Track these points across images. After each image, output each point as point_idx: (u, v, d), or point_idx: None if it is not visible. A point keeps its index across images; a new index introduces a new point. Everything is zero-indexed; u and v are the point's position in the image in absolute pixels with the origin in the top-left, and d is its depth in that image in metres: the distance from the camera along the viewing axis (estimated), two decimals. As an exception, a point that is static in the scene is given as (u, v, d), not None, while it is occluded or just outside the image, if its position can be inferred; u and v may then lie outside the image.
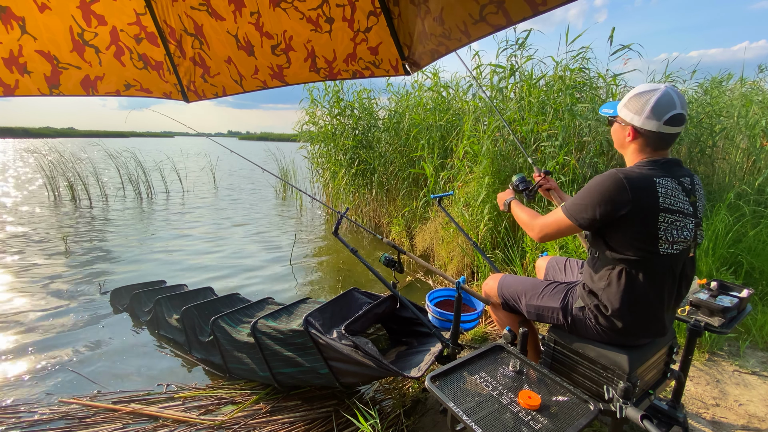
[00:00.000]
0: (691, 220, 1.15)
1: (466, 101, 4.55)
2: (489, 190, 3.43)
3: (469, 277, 3.56)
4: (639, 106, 1.15)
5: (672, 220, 1.11)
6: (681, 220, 1.13)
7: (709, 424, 1.75)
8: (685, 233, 1.14)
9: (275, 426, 1.84)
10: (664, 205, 1.10)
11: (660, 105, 1.11)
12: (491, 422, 0.95)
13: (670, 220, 1.11)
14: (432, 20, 1.38)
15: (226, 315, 2.30)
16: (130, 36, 1.52)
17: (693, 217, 1.16)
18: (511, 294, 1.49)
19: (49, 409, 2.02)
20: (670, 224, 1.11)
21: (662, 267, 1.15)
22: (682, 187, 1.15)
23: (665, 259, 1.14)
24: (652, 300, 1.17)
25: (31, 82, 1.40)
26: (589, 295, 1.25)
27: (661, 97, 1.11)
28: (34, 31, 1.33)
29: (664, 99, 1.11)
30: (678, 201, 1.12)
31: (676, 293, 1.22)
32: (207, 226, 6.31)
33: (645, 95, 1.14)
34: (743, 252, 2.87)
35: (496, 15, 1.17)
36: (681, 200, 1.13)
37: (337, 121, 6.06)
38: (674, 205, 1.11)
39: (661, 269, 1.15)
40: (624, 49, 3.48)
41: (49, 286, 3.65)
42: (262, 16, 1.57)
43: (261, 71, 1.73)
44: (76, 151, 11.35)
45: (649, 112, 1.12)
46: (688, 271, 1.22)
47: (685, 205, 1.14)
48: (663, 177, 1.12)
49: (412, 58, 1.69)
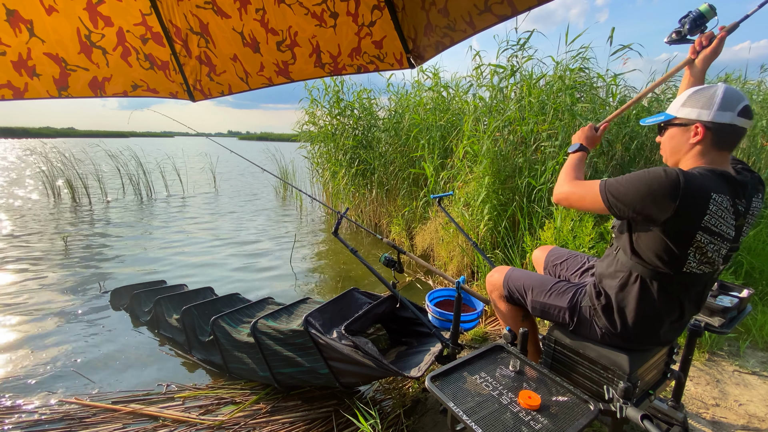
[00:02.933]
0: (728, 244, 1.05)
1: (466, 101, 4.55)
2: (489, 190, 3.43)
3: (469, 277, 3.56)
4: (706, 101, 1.05)
5: (708, 241, 1.01)
6: (718, 243, 1.03)
7: (709, 424, 1.75)
8: (716, 256, 1.05)
9: (275, 426, 1.84)
10: (706, 225, 0.99)
11: (730, 96, 1.03)
12: (491, 422, 0.95)
13: (706, 241, 1.01)
14: (436, 12, 1.38)
15: (226, 315, 2.29)
16: (137, 36, 1.53)
17: (731, 242, 1.06)
18: (518, 287, 1.46)
19: (49, 409, 2.02)
20: (705, 245, 1.02)
21: (681, 285, 1.10)
22: (735, 209, 1.03)
23: (687, 278, 1.07)
24: (662, 314, 1.14)
25: (40, 85, 1.41)
26: (597, 296, 1.22)
27: (727, 89, 1.04)
28: (42, 34, 1.34)
29: (731, 90, 1.04)
30: (723, 224, 1.01)
31: (690, 310, 1.17)
32: (207, 226, 6.31)
33: (707, 90, 1.06)
34: (743, 252, 2.87)
35: (501, 5, 1.17)
36: (727, 223, 1.02)
37: (337, 121, 6.06)
38: (717, 227, 1.01)
39: (679, 287, 1.10)
40: (624, 49, 3.48)
41: (48, 286, 3.65)
42: (267, 13, 1.58)
43: (266, 68, 1.74)
44: (77, 151, 11.34)
45: (719, 103, 1.03)
46: (708, 289, 1.18)
47: (729, 229, 1.03)
48: (720, 194, 0.99)
49: (416, 51, 1.69)
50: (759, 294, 2.69)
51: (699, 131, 1.06)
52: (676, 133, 1.13)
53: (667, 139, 1.16)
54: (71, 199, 8.04)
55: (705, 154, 1.08)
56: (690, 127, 1.08)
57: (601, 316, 1.21)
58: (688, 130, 1.09)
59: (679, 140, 1.12)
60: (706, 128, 1.05)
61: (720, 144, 1.06)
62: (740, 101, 1.03)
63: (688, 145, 1.10)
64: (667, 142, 1.16)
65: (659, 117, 1.17)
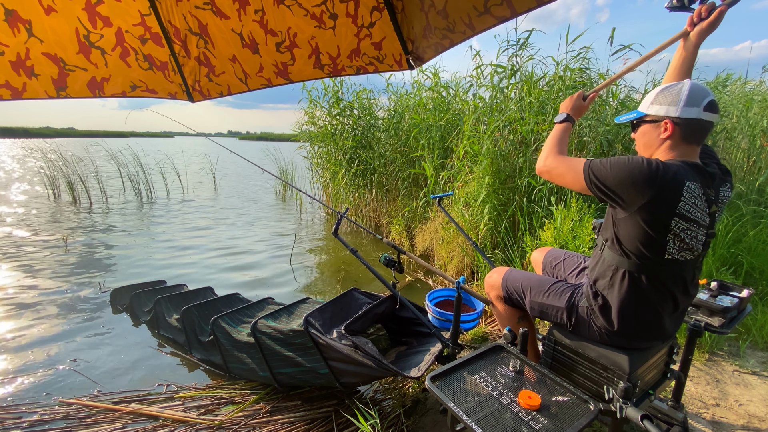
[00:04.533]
0: (704, 231, 1.11)
1: (466, 101, 4.55)
2: (489, 190, 3.43)
3: (469, 277, 3.56)
4: (672, 97, 1.11)
5: (684, 228, 1.07)
6: (694, 229, 1.09)
7: (709, 424, 1.75)
8: (694, 242, 1.10)
9: (275, 426, 1.84)
10: (681, 211, 1.05)
11: (695, 92, 1.08)
12: (491, 422, 0.95)
13: (682, 227, 1.07)
14: (436, 13, 1.38)
15: (226, 315, 2.30)
16: (135, 37, 1.52)
17: (707, 228, 1.12)
18: (516, 288, 1.48)
19: (49, 409, 2.02)
20: (681, 231, 1.07)
21: (667, 273, 1.13)
22: (706, 197, 1.09)
23: (670, 265, 1.12)
24: (656, 306, 1.16)
25: (39, 85, 1.40)
26: (594, 297, 1.24)
27: (692, 86, 1.09)
28: (41, 34, 1.34)
29: (696, 86, 1.09)
30: (697, 210, 1.07)
31: (682, 301, 1.20)
32: (206, 226, 6.31)
33: (673, 87, 1.12)
34: (743, 252, 2.87)
35: (501, 6, 1.17)
36: (701, 210, 1.08)
37: (336, 122, 6.05)
38: (692, 213, 1.07)
39: (666, 276, 1.14)
40: (624, 49, 3.48)
41: (48, 286, 3.65)
42: (266, 14, 1.57)
43: (266, 69, 1.73)
44: (77, 151, 11.34)
45: (686, 99, 1.08)
46: (695, 279, 1.20)
47: (702, 215, 1.09)
48: (693, 182, 1.06)
49: (416, 53, 1.69)
50: (759, 294, 2.69)
51: (668, 127, 1.12)
52: (648, 130, 1.18)
53: (640, 136, 1.21)
54: (71, 198, 8.04)
55: (675, 148, 1.13)
56: (660, 124, 1.14)
57: (599, 316, 1.22)
58: (659, 126, 1.14)
59: (651, 136, 1.17)
60: (675, 124, 1.11)
61: (688, 138, 1.12)
62: (705, 96, 1.08)
63: (659, 140, 1.15)
64: (640, 138, 1.22)
65: (631, 115, 1.22)
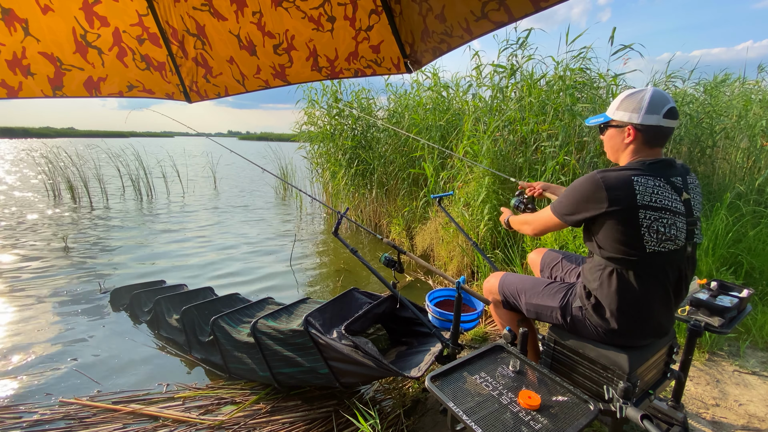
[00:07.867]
0: (682, 219, 1.16)
1: (466, 101, 4.55)
2: (489, 190, 3.43)
3: (469, 277, 3.56)
4: (635, 105, 1.18)
5: (656, 217, 1.12)
6: (668, 217, 1.13)
7: (709, 424, 1.75)
8: (673, 231, 1.14)
9: (275, 426, 1.84)
10: (643, 202, 1.11)
11: (656, 100, 1.15)
12: (491, 422, 0.95)
13: (653, 217, 1.12)
14: (434, 18, 1.38)
15: (226, 315, 2.30)
16: (133, 37, 1.52)
17: (685, 216, 1.17)
18: (512, 292, 1.50)
19: (49, 409, 2.02)
20: (654, 221, 1.12)
21: (653, 267, 1.15)
22: (672, 186, 1.16)
23: (655, 258, 1.14)
24: (647, 301, 1.17)
25: (35, 84, 1.40)
26: (587, 296, 1.25)
27: (654, 94, 1.16)
28: (38, 33, 1.33)
29: (657, 95, 1.16)
30: (662, 198, 1.13)
31: (674, 294, 1.22)
32: (207, 226, 6.31)
33: (636, 95, 1.19)
34: (743, 252, 2.87)
35: (498, 12, 1.17)
36: (667, 198, 1.14)
37: (335, 122, 6.06)
38: (657, 202, 1.12)
39: (652, 269, 1.16)
40: (625, 49, 3.48)
41: (48, 286, 3.65)
42: (264, 16, 1.57)
43: (263, 71, 1.73)
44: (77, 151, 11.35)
45: (647, 107, 1.15)
46: (686, 270, 1.22)
47: (673, 203, 1.14)
48: (643, 176, 1.13)
49: (413, 56, 1.69)
50: (759, 294, 2.69)
51: (631, 132, 1.20)
52: (614, 134, 1.26)
53: (608, 139, 1.29)
54: (71, 198, 8.05)
55: (638, 152, 1.22)
56: (624, 129, 1.22)
57: (593, 315, 1.23)
58: (623, 131, 1.22)
59: (617, 140, 1.26)
60: (637, 130, 1.19)
61: (650, 142, 1.20)
62: (665, 104, 1.15)
63: (623, 144, 1.24)
64: (607, 141, 1.30)
65: (599, 118, 1.30)
